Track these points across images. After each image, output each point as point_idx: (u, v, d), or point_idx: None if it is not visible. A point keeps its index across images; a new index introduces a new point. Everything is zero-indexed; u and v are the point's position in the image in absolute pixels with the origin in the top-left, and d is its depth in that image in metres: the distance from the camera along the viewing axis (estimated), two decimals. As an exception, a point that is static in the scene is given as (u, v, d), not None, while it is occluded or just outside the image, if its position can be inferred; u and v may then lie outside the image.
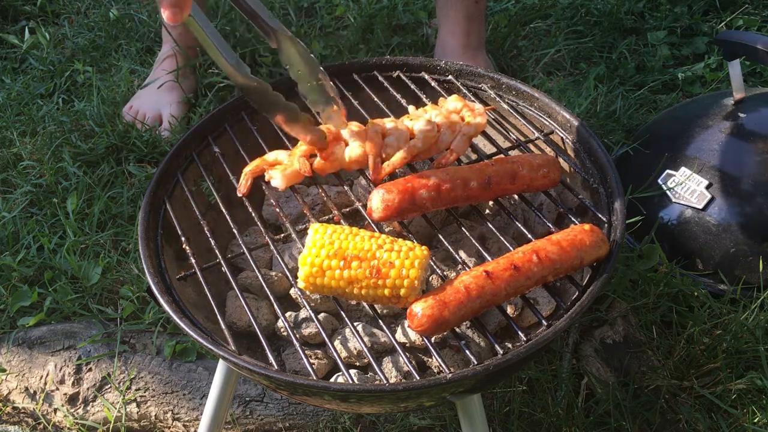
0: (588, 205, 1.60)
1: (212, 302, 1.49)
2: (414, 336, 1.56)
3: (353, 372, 1.53)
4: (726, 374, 2.05)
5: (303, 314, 1.62)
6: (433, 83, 1.93)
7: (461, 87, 1.92)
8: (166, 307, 1.46)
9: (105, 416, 2.15)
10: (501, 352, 1.33)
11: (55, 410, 2.18)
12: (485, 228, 1.68)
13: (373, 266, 1.36)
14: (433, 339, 1.54)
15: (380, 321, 1.44)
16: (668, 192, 2.32)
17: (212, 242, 1.60)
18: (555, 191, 1.75)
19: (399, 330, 1.59)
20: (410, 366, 1.35)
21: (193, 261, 1.57)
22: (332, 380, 1.49)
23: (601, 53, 3.21)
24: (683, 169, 2.33)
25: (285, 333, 1.61)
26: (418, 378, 1.31)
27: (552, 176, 1.58)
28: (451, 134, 1.68)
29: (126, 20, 3.48)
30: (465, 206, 1.75)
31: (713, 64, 3.08)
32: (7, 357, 2.24)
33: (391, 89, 1.90)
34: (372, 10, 3.34)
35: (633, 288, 2.23)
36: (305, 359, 1.36)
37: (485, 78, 1.93)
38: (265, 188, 1.66)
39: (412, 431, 2.05)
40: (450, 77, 1.95)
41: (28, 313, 2.36)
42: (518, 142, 1.77)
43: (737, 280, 2.20)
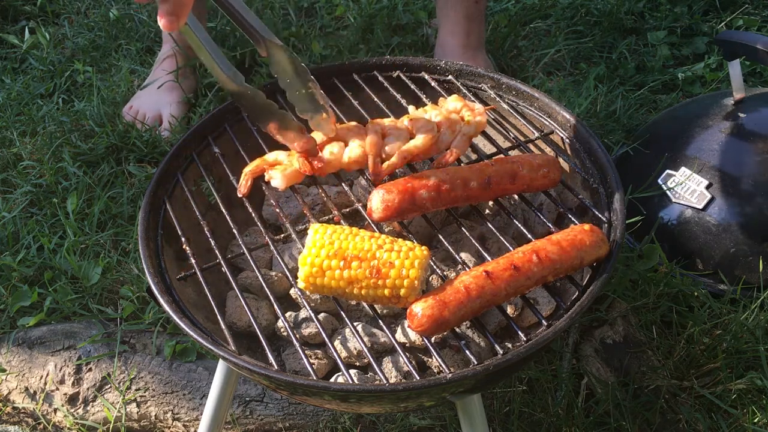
0: (588, 205, 1.60)
1: (212, 302, 1.49)
2: (414, 336, 1.56)
3: (353, 372, 1.53)
4: (726, 374, 2.05)
5: (303, 314, 1.62)
6: (433, 83, 1.93)
7: (461, 87, 1.92)
8: (166, 307, 1.46)
9: (105, 416, 2.15)
10: (501, 352, 1.33)
11: (55, 410, 2.18)
12: (485, 228, 1.68)
13: (373, 266, 1.36)
14: (433, 339, 1.54)
15: (380, 321, 1.44)
16: (668, 192, 2.32)
17: (212, 242, 1.60)
18: (555, 191, 1.75)
19: (399, 330, 1.59)
20: (410, 366, 1.35)
21: (193, 261, 1.57)
22: (332, 380, 1.49)
23: (601, 53, 3.21)
24: (683, 169, 2.33)
25: (285, 333, 1.61)
26: (418, 378, 1.31)
27: (552, 176, 1.58)
28: (451, 134, 1.68)
29: (126, 20, 3.48)
30: (465, 206, 1.75)
31: (713, 64, 3.08)
32: (7, 357, 2.24)
33: (391, 89, 1.90)
34: (372, 10, 3.34)
35: (633, 288, 2.23)
36: (305, 359, 1.36)
37: (485, 78, 1.93)
38: (265, 188, 1.66)
39: (412, 431, 2.05)
40: (450, 77, 1.95)
41: (28, 313, 2.36)
42: (518, 142, 1.77)
43: (737, 280, 2.20)
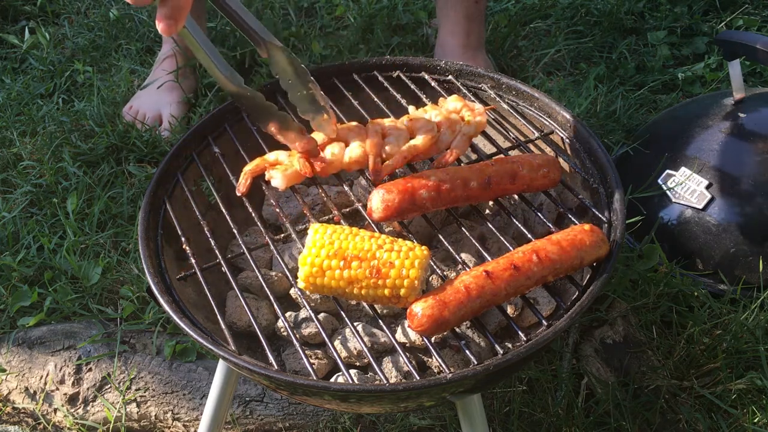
0: (588, 205, 1.60)
1: (212, 302, 1.49)
2: (414, 336, 1.56)
3: (353, 372, 1.53)
4: (726, 374, 2.05)
5: (303, 314, 1.62)
6: (433, 83, 1.93)
7: (461, 87, 1.92)
8: (166, 307, 1.46)
9: (105, 416, 2.15)
10: (501, 352, 1.33)
11: (55, 410, 2.18)
12: (485, 228, 1.68)
13: (373, 266, 1.36)
14: (433, 339, 1.54)
15: (380, 321, 1.44)
16: (668, 192, 2.32)
17: (212, 242, 1.60)
18: (555, 191, 1.75)
19: (399, 330, 1.59)
20: (410, 366, 1.34)
21: (193, 261, 1.57)
22: (332, 380, 1.49)
23: (601, 53, 3.21)
24: (683, 169, 2.33)
25: (285, 333, 1.61)
26: (418, 378, 1.31)
27: (552, 176, 1.58)
28: (451, 134, 1.68)
29: (126, 20, 3.48)
30: (465, 206, 1.75)
31: (713, 64, 3.08)
32: (7, 357, 2.24)
33: (391, 89, 1.90)
34: (372, 10, 3.34)
35: (633, 288, 2.23)
36: (305, 359, 1.36)
37: (485, 78, 1.92)
38: (265, 188, 1.66)
39: (412, 431, 2.05)
40: (450, 77, 1.95)
41: (28, 313, 2.36)
42: (518, 142, 1.77)
43: (737, 280, 2.20)
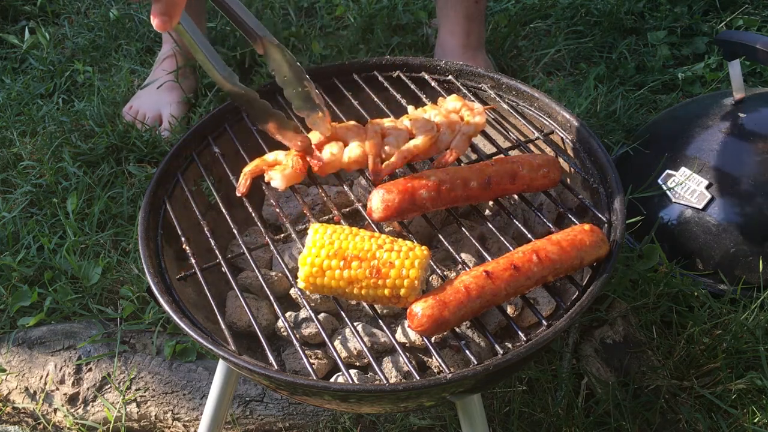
0: (588, 205, 1.60)
1: (212, 302, 1.49)
2: (414, 336, 1.56)
3: (353, 372, 1.53)
4: (726, 374, 2.05)
5: (303, 314, 1.62)
6: (433, 83, 1.93)
7: (461, 87, 1.92)
8: (166, 307, 1.46)
9: (105, 416, 2.15)
10: (501, 352, 1.33)
11: (55, 410, 2.18)
12: (485, 228, 1.68)
13: (373, 266, 1.36)
14: (433, 339, 1.54)
15: (380, 321, 1.44)
16: (668, 192, 2.32)
17: (212, 242, 1.60)
18: (555, 191, 1.75)
19: (399, 330, 1.59)
20: (410, 366, 1.34)
21: (193, 261, 1.57)
22: (332, 380, 1.49)
23: (601, 53, 3.21)
24: (683, 169, 2.33)
25: (285, 333, 1.61)
26: (418, 378, 1.31)
27: (552, 176, 1.58)
28: (451, 134, 1.68)
29: (126, 20, 3.48)
30: (465, 206, 1.75)
31: (713, 64, 3.08)
32: (7, 357, 2.24)
33: (391, 89, 1.90)
34: (372, 10, 3.34)
35: (633, 288, 2.23)
36: (305, 359, 1.36)
37: (485, 78, 1.92)
38: (265, 188, 1.66)
39: (412, 431, 2.05)
40: (450, 77, 1.95)
41: (28, 313, 2.36)
42: (518, 142, 1.77)
43: (737, 280, 2.20)
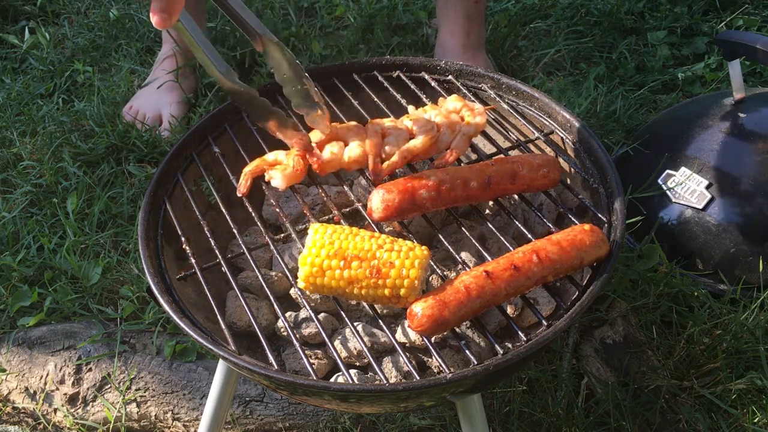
0: (588, 205, 1.60)
1: (212, 302, 1.49)
2: (414, 336, 1.56)
3: (353, 372, 1.53)
4: (726, 374, 2.05)
5: (303, 314, 1.62)
6: (433, 83, 1.93)
7: (461, 87, 1.92)
8: (166, 307, 1.46)
9: (105, 416, 2.15)
10: (501, 352, 1.33)
11: (55, 410, 2.18)
12: (485, 228, 1.68)
13: (373, 266, 1.36)
14: (433, 339, 1.54)
15: (380, 321, 1.44)
16: (668, 192, 2.32)
17: (212, 242, 1.60)
18: (555, 191, 1.75)
19: (399, 330, 1.59)
20: (410, 366, 1.34)
21: (193, 261, 1.57)
22: (332, 380, 1.49)
23: (601, 53, 3.21)
24: (683, 169, 2.33)
25: (285, 333, 1.61)
26: (418, 378, 1.31)
27: (552, 176, 1.58)
28: (451, 134, 1.68)
29: (126, 20, 3.48)
30: (465, 206, 1.75)
31: (713, 64, 3.08)
32: (7, 357, 2.24)
33: (391, 89, 1.90)
34: (372, 10, 3.34)
35: (633, 288, 2.23)
36: (305, 359, 1.36)
37: (485, 78, 1.92)
38: (265, 188, 1.66)
39: (412, 431, 2.05)
40: (450, 77, 1.95)
41: (28, 313, 2.36)
42: (518, 142, 1.77)
43: (737, 280, 2.20)
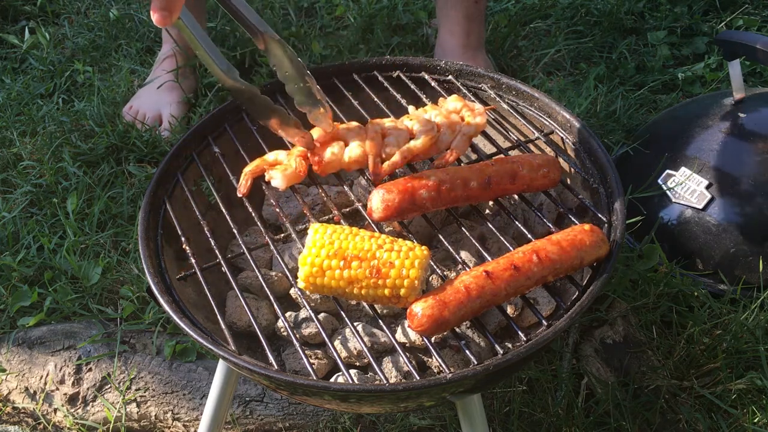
0: (588, 205, 1.60)
1: (212, 302, 1.49)
2: (414, 336, 1.56)
3: (353, 372, 1.53)
4: (726, 374, 2.05)
5: (303, 314, 1.62)
6: (433, 83, 1.93)
7: (461, 87, 1.92)
8: (166, 307, 1.46)
9: (105, 416, 2.15)
10: (501, 352, 1.33)
11: (55, 410, 2.18)
12: (485, 228, 1.68)
13: (373, 266, 1.36)
14: (433, 339, 1.54)
15: (380, 321, 1.44)
16: (668, 192, 2.32)
17: (212, 242, 1.60)
18: (555, 191, 1.75)
19: (399, 330, 1.59)
20: (410, 366, 1.34)
21: (193, 261, 1.57)
22: (332, 380, 1.49)
23: (601, 53, 3.21)
24: (683, 169, 2.33)
25: (285, 333, 1.61)
26: (418, 378, 1.31)
27: (552, 176, 1.58)
28: (451, 134, 1.68)
29: (126, 20, 3.48)
30: (465, 206, 1.75)
31: (713, 64, 3.08)
32: (7, 357, 2.24)
33: (391, 89, 1.90)
34: (372, 10, 3.34)
35: (633, 288, 2.23)
36: (305, 359, 1.36)
37: (485, 78, 1.92)
38: (265, 188, 1.66)
39: (412, 431, 2.05)
40: (450, 77, 1.95)
41: (28, 313, 2.36)
42: (518, 142, 1.77)
43: (737, 280, 2.20)
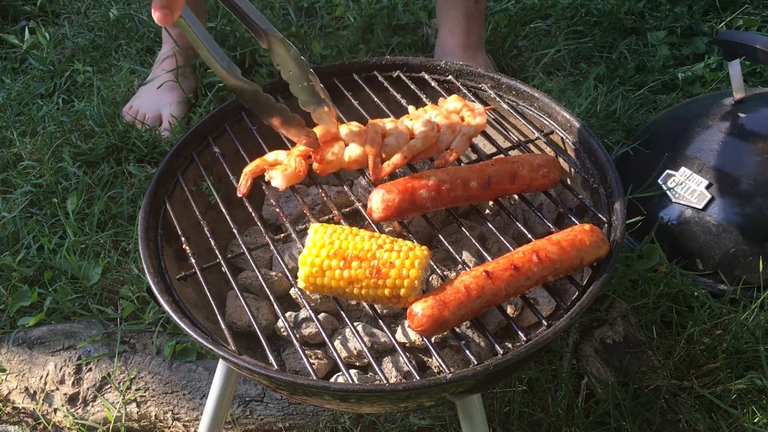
0: (588, 205, 1.60)
1: (212, 302, 1.49)
2: (414, 336, 1.56)
3: (353, 372, 1.53)
4: (726, 374, 2.05)
5: (303, 314, 1.62)
6: (433, 83, 1.93)
7: (461, 87, 1.92)
8: (166, 307, 1.46)
9: (105, 416, 2.15)
10: (501, 352, 1.33)
11: (55, 410, 2.18)
12: (485, 228, 1.68)
13: (373, 266, 1.36)
14: (433, 339, 1.54)
15: (380, 321, 1.44)
16: (668, 192, 2.32)
17: (212, 242, 1.60)
18: (555, 191, 1.75)
19: (399, 330, 1.59)
20: (410, 366, 1.34)
21: (193, 261, 1.57)
22: (332, 380, 1.49)
23: (601, 53, 3.21)
24: (683, 169, 2.33)
25: (285, 333, 1.61)
26: (418, 378, 1.31)
27: (552, 176, 1.58)
28: (451, 134, 1.68)
29: (126, 20, 3.48)
30: (465, 206, 1.75)
31: (713, 64, 3.08)
32: (7, 357, 2.24)
33: (391, 89, 1.90)
34: (372, 10, 3.34)
35: (633, 288, 2.23)
36: (305, 359, 1.36)
37: (485, 78, 1.92)
38: (265, 188, 1.66)
39: (412, 431, 2.05)
40: (450, 77, 1.95)
41: (28, 313, 2.36)
42: (518, 142, 1.77)
43: (737, 280, 2.20)
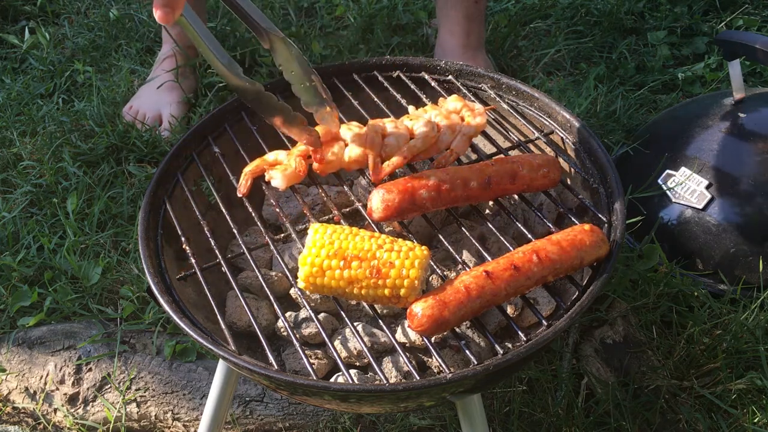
0: (588, 205, 1.60)
1: (212, 302, 1.49)
2: (414, 336, 1.56)
3: (353, 372, 1.53)
4: (726, 374, 2.05)
5: (303, 314, 1.62)
6: (433, 83, 1.93)
7: (461, 87, 1.92)
8: (166, 307, 1.46)
9: (105, 416, 2.15)
10: (501, 352, 1.33)
11: (55, 410, 2.18)
12: (485, 228, 1.68)
13: (373, 266, 1.36)
14: (433, 339, 1.54)
15: (380, 321, 1.44)
16: (668, 192, 2.32)
17: (212, 242, 1.60)
18: (555, 191, 1.75)
19: (399, 330, 1.59)
20: (410, 366, 1.34)
21: (193, 261, 1.57)
22: (332, 380, 1.49)
23: (601, 53, 3.21)
24: (683, 169, 2.33)
25: (285, 333, 1.61)
26: (418, 378, 1.31)
27: (552, 176, 1.58)
28: (451, 134, 1.68)
29: (126, 20, 3.48)
30: (465, 206, 1.75)
31: (713, 64, 3.08)
32: (7, 357, 2.24)
33: (391, 89, 1.90)
34: (372, 10, 3.34)
35: (633, 288, 2.23)
36: (305, 359, 1.36)
37: (485, 78, 1.92)
38: (265, 188, 1.66)
39: (412, 431, 2.05)
40: (450, 77, 1.95)
41: (28, 313, 2.36)
42: (518, 142, 1.77)
43: (737, 280, 2.20)
